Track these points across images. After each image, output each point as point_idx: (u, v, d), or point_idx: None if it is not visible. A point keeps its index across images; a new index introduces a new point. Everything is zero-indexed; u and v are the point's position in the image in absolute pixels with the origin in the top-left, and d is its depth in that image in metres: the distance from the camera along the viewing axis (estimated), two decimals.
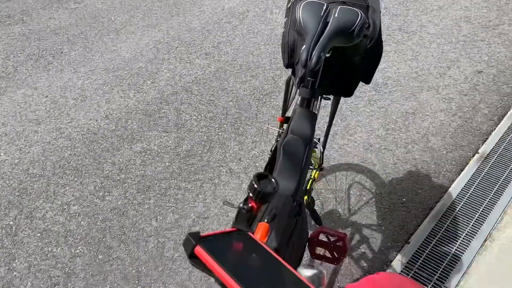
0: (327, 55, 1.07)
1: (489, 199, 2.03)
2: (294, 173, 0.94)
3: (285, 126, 1.27)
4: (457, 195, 2.06)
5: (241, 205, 0.61)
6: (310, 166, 1.68)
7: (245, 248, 0.57)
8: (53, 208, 2.05)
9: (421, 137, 2.38)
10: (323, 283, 0.61)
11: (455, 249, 1.83)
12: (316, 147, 1.52)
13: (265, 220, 0.72)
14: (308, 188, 1.67)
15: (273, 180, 0.59)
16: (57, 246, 1.89)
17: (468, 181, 2.12)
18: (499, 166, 2.19)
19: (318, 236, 1.35)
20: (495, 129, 2.41)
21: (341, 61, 1.16)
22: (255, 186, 0.57)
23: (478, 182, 2.11)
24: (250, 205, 0.60)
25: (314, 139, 1.47)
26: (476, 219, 1.95)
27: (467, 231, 1.90)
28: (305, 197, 1.66)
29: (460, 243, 1.86)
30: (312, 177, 1.65)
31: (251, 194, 0.59)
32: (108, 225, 1.98)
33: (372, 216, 2.01)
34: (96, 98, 2.71)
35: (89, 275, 1.78)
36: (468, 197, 2.04)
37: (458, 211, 1.99)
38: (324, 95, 1.32)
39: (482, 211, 1.98)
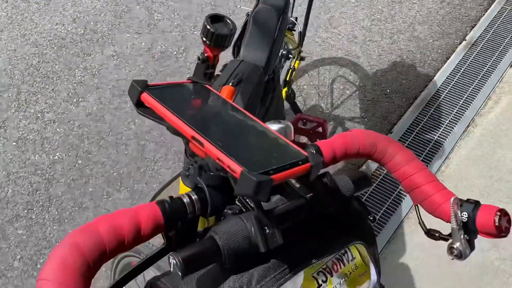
0: None
1: (474, 86, 1.99)
2: (264, 43, 0.86)
3: None
4: (442, 83, 2.01)
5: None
6: (290, 55, 1.60)
7: (201, 98, 0.51)
8: (26, 116, 1.98)
9: (407, 26, 2.27)
10: (290, 136, 0.57)
11: (438, 136, 1.83)
12: (294, 30, 1.42)
13: (230, 84, 0.66)
14: (287, 79, 1.60)
15: (228, 21, 0.51)
16: (35, 154, 1.85)
17: (454, 68, 2.06)
18: (487, 52, 2.12)
19: (297, 123, 1.31)
20: (484, 14, 2.30)
21: None
22: (208, 27, 0.50)
23: (464, 70, 2.06)
24: (206, 54, 0.53)
25: (292, 19, 1.37)
26: (460, 106, 1.92)
27: (451, 118, 1.88)
28: (285, 89, 1.60)
29: (443, 130, 1.84)
30: (291, 66, 1.58)
31: (204, 39, 0.51)
32: (85, 130, 1.92)
33: (355, 109, 1.98)
34: (61, 1, 2.50)
35: (70, 180, 1.76)
36: (453, 85, 2.00)
37: (442, 99, 1.96)
38: None
39: (466, 98, 1.95)
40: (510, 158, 1.72)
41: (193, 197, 0.48)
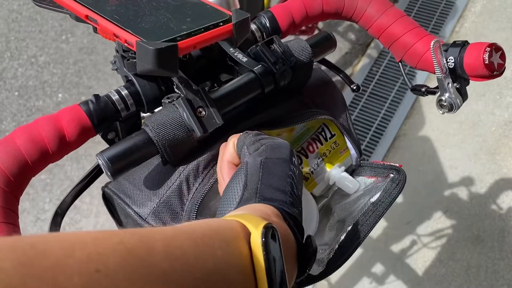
0: None
1: None
2: None
3: None
4: None
5: None
6: None
7: None
8: (21, 64, 1.94)
9: None
10: (235, 5, 0.49)
11: None
12: None
13: None
14: None
15: None
16: (38, 99, 1.84)
17: None
18: None
19: None
20: None
21: None
22: None
23: None
24: None
25: None
26: None
27: None
28: None
29: None
30: None
31: None
32: (81, 66, 1.87)
33: None
34: None
35: None
36: None
37: None
38: None
39: None
40: None
41: (122, 92, 0.43)
